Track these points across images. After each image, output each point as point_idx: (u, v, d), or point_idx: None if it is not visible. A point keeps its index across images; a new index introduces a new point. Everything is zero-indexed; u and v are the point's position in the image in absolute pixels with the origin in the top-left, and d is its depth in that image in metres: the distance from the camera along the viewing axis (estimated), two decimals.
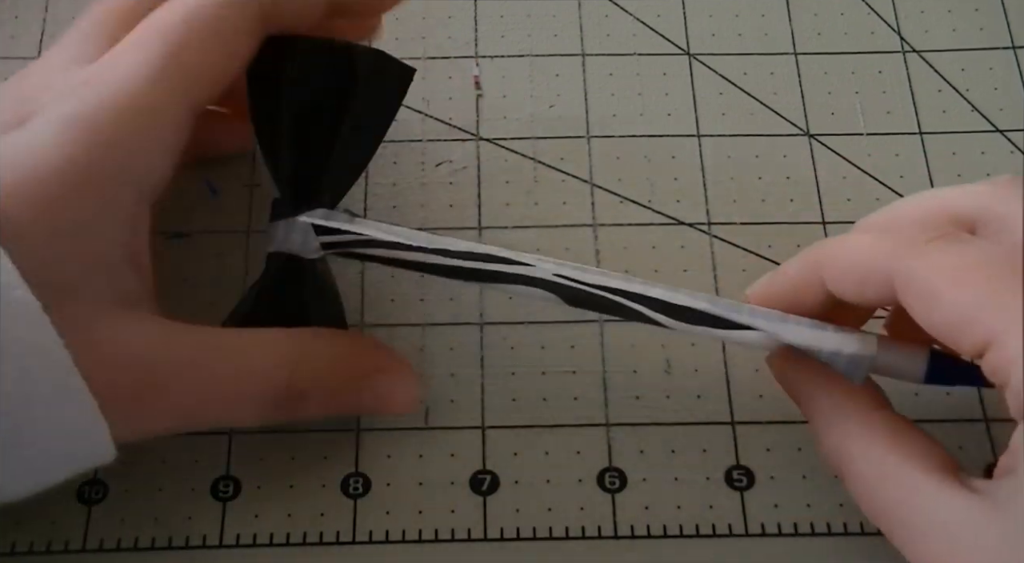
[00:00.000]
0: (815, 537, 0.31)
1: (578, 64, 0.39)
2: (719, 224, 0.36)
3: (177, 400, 0.27)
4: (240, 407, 0.29)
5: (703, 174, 0.37)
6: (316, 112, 0.29)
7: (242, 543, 0.31)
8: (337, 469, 0.32)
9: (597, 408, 0.33)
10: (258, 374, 0.28)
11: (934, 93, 0.39)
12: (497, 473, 0.33)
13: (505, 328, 0.35)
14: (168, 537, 0.31)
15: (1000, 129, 0.38)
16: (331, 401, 0.30)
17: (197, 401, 0.28)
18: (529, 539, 0.31)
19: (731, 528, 0.32)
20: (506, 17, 0.40)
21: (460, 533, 0.32)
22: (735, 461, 0.33)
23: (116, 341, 0.26)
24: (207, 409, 0.28)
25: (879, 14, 0.41)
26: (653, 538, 0.32)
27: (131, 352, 0.26)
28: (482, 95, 0.39)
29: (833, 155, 0.38)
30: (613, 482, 0.32)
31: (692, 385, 0.34)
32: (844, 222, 0.36)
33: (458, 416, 0.33)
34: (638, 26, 0.40)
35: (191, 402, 0.28)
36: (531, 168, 0.37)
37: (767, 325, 0.29)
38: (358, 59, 0.29)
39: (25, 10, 0.40)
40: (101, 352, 0.26)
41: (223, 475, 0.32)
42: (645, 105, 0.39)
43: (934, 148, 0.38)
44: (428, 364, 0.34)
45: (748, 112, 0.39)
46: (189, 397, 0.28)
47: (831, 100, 0.39)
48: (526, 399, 0.34)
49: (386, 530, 0.31)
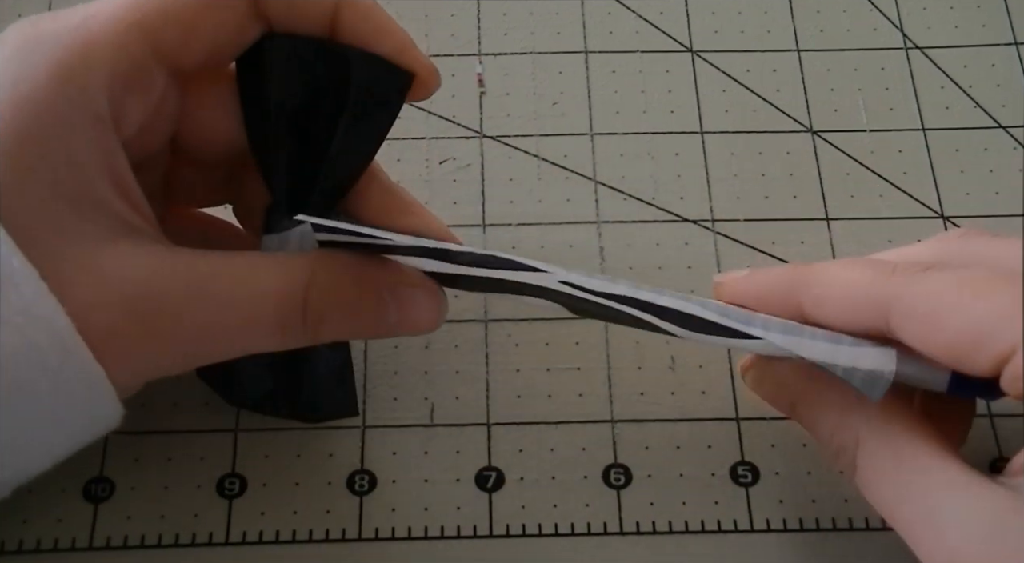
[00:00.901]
0: (820, 533, 0.32)
1: (581, 61, 0.39)
2: (722, 221, 0.37)
3: (187, 330, 0.26)
4: (254, 333, 0.27)
5: (706, 171, 0.37)
6: (310, 116, 0.28)
7: (248, 540, 0.31)
8: (343, 466, 0.32)
9: (602, 405, 0.34)
10: (272, 295, 0.27)
11: (936, 89, 0.39)
12: (502, 470, 0.33)
13: (510, 325, 0.35)
14: (175, 535, 0.31)
15: (1003, 125, 0.38)
16: (351, 321, 0.28)
17: (208, 330, 0.26)
18: (535, 535, 0.32)
19: (736, 524, 0.32)
20: (509, 15, 0.40)
21: (466, 530, 0.32)
22: (740, 457, 0.33)
23: (116, 276, 0.25)
24: (219, 338, 0.27)
25: (882, 11, 0.41)
26: (658, 534, 0.32)
27: (134, 282, 0.25)
28: (485, 93, 0.39)
29: (836, 151, 0.38)
30: (618, 478, 0.32)
31: (696, 382, 0.34)
32: (847, 218, 0.37)
33: (463, 413, 0.33)
34: (641, 23, 0.40)
35: (202, 332, 0.26)
36: (535, 165, 0.37)
37: (782, 340, 0.28)
38: (354, 63, 0.28)
39: (27, 9, 0.40)
40: (101, 289, 0.25)
41: (229, 472, 0.32)
42: (648, 102, 0.39)
43: (937, 144, 0.38)
44: (433, 361, 0.34)
45: (751, 109, 0.39)
46: (199, 326, 0.26)
47: (834, 97, 0.39)
48: (531, 396, 0.34)
49: (392, 527, 0.32)
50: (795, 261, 0.30)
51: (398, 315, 0.28)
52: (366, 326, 0.29)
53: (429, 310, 0.29)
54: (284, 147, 0.28)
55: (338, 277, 0.28)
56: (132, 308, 0.25)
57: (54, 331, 0.24)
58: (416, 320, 0.29)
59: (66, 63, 0.25)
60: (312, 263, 0.27)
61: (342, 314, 0.28)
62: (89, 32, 0.26)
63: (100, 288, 0.25)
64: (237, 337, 0.27)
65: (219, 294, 0.26)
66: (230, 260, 0.27)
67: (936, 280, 0.26)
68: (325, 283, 0.27)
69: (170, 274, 0.26)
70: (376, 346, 0.34)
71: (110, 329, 0.25)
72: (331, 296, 0.27)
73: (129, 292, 0.25)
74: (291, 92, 0.28)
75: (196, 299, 0.26)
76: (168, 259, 0.26)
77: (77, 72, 0.26)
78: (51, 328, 0.24)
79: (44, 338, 0.24)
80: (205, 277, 0.26)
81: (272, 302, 0.27)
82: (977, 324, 0.25)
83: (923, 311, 0.25)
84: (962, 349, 0.25)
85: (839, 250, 0.36)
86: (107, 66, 0.26)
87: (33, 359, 0.24)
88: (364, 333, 0.29)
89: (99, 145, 0.26)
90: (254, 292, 0.27)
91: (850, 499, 0.32)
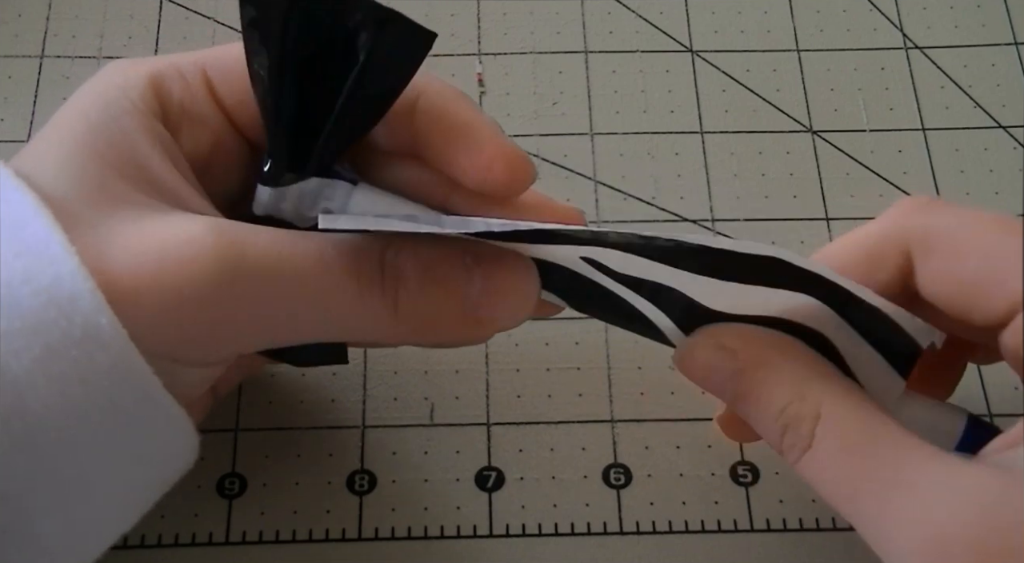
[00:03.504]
0: (819, 532, 0.32)
1: (581, 61, 0.39)
2: (723, 221, 0.37)
3: (263, 305, 0.25)
4: (333, 295, 0.25)
5: (706, 171, 0.37)
6: (319, 67, 0.27)
7: (248, 540, 0.31)
8: (343, 466, 0.32)
9: (602, 405, 0.34)
10: (348, 251, 0.25)
11: (936, 89, 0.39)
12: (502, 469, 0.33)
13: None
14: (175, 534, 0.31)
15: (1003, 125, 0.38)
16: (432, 287, 0.26)
17: (285, 301, 0.25)
18: (534, 535, 0.32)
19: (736, 524, 0.32)
20: (509, 15, 0.40)
21: (465, 530, 0.32)
22: (740, 457, 0.33)
23: (166, 268, 0.24)
24: (299, 305, 0.25)
25: (881, 11, 0.41)
26: (658, 534, 0.32)
27: (197, 280, 0.24)
28: (485, 92, 0.39)
29: (836, 151, 0.38)
30: (618, 478, 0.32)
31: None
32: (847, 218, 0.37)
33: (463, 413, 0.33)
34: (641, 23, 0.40)
35: (277, 306, 0.25)
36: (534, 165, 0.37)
37: (847, 282, 0.25)
38: (371, 16, 0.26)
39: (28, 8, 0.40)
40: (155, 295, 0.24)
41: (229, 472, 0.32)
42: (648, 102, 0.39)
43: (937, 144, 0.38)
44: (433, 361, 0.34)
45: (751, 109, 0.39)
46: (274, 300, 0.25)
47: (834, 97, 0.39)
48: (531, 395, 0.34)
49: (392, 527, 0.32)
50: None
51: (482, 283, 0.26)
52: (447, 296, 0.26)
53: (520, 281, 0.26)
54: (290, 98, 0.27)
55: (415, 241, 0.26)
56: (188, 306, 0.24)
57: (137, 380, 0.24)
58: (504, 289, 0.26)
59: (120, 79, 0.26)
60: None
61: (422, 274, 0.25)
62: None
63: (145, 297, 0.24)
64: (315, 303, 0.25)
65: (287, 262, 0.25)
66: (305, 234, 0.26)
67: (961, 214, 0.25)
68: (402, 243, 0.26)
69: (233, 255, 0.24)
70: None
71: (168, 322, 0.24)
72: (410, 253, 0.25)
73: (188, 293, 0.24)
74: (302, 41, 0.26)
75: (261, 277, 0.25)
76: (227, 235, 0.25)
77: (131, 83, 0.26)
78: (133, 377, 0.24)
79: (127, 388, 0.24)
80: (268, 248, 0.25)
81: (349, 258, 0.25)
82: (1002, 258, 0.24)
83: (945, 243, 0.25)
84: (981, 285, 0.24)
85: None
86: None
87: (117, 408, 0.24)
88: (447, 308, 0.26)
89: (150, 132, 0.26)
90: (324, 249, 0.25)
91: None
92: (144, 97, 0.26)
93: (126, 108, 0.26)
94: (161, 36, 0.40)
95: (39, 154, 0.25)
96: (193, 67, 0.27)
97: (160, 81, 0.27)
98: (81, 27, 0.40)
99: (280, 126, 0.27)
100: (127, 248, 0.24)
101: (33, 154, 0.26)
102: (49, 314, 0.23)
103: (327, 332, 0.27)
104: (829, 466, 0.24)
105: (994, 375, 0.34)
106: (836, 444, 0.24)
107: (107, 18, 0.40)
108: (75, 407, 0.23)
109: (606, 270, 0.26)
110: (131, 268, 0.24)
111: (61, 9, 0.40)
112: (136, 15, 0.40)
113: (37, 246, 0.23)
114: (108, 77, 0.27)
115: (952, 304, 0.25)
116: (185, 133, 0.27)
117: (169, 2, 0.40)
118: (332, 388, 0.34)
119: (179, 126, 0.27)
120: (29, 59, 0.39)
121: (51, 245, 0.23)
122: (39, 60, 0.39)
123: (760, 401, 0.26)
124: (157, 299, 0.24)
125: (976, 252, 0.24)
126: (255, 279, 0.24)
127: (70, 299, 0.23)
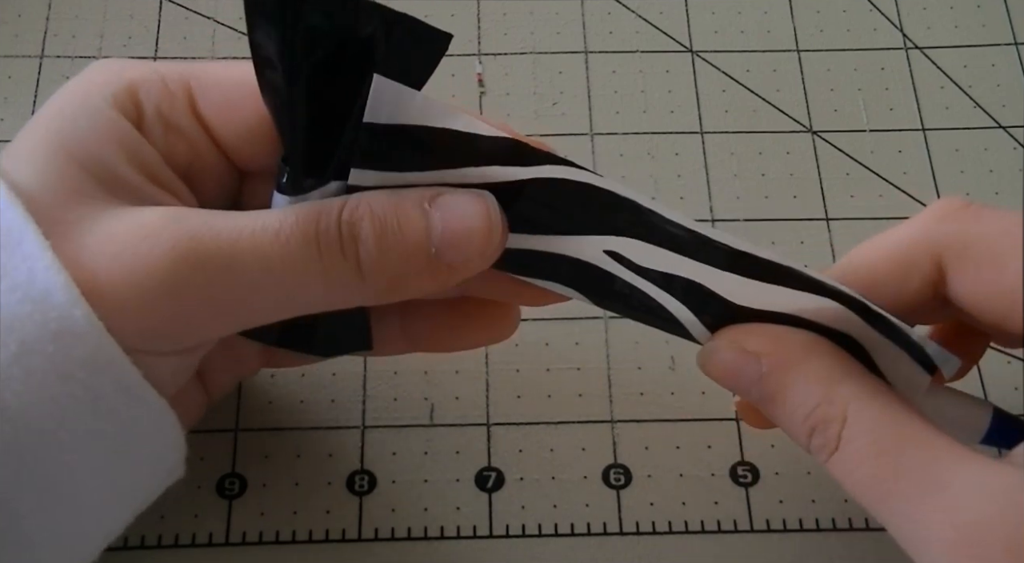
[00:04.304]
0: (820, 533, 0.32)
1: (581, 61, 0.39)
2: (723, 221, 0.37)
3: (226, 289, 0.25)
4: (295, 266, 0.25)
5: (706, 171, 0.37)
6: (333, 72, 0.26)
7: (248, 541, 0.31)
8: (343, 466, 0.32)
9: (602, 405, 0.34)
10: (307, 218, 0.25)
11: (936, 89, 0.39)
12: (502, 470, 0.33)
13: None
14: (175, 535, 0.31)
15: (1003, 125, 0.38)
16: (389, 238, 0.25)
17: (247, 281, 0.25)
18: (534, 536, 0.32)
19: (736, 524, 0.32)
20: (509, 15, 0.40)
21: (465, 530, 0.32)
22: (740, 457, 0.33)
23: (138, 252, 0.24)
24: (264, 282, 0.25)
25: (881, 11, 0.41)
26: (658, 534, 0.32)
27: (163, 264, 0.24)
28: (485, 92, 0.39)
29: (836, 152, 0.38)
30: (618, 478, 0.32)
31: (696, 382, 0.34)
32: (847, 219, 0.37)
33: (463, 413, 0.33)
34: (641, 23, 0.40)
35: (241, 287, 0.25)
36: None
37: (858, 294, 0.26)
38: (384, 20, 0.26)
39: (28, 8, 0.40)
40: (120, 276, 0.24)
41: (229, 472, 0.32)
42: (648, 102, 0.39)
43: (937, 144, 0.38)
44: (433, 361, 0.34)
45: (751, 109, 0.39)
46: (236, 282, 0.25)
47: (834, 97, 0.39)
48: (531, 396, 0.34)
49: (392, 527, 0.32)
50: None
51: (441, 224, 0.25)
52: (408, 243, 0.25)
53: (475, 215, 0.25)
54: (304, 106, 0.26)
55: (371, 196, 0.25)
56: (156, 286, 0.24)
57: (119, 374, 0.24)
58: (460, 228, 0.25)
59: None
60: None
61: (380, 227, 0.25)
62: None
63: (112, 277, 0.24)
64: (278, 274, 0.25)
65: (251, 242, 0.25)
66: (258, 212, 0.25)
67: (998, 221, 0.24)
68: (358, 200, 0.25)
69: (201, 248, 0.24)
70: None
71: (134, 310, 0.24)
72: (366, 209, 0.25)
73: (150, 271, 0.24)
74: (314, 49, 0.26)
75: (224, 267, 0.24)
76: (197, 226, 0.25)
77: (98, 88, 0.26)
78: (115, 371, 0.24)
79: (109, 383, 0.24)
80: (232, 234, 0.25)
81: (308, 224, 0.25)
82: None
83: (984, 252, 0.24)
84: (1015, 296, 0.23)
85: (839, 250, 0.36)
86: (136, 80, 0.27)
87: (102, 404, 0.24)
88: (410, 258, 0.25)
89: (114, 133, 0.26)
90: (286, 223, 0.25)
91: (850, 500, 0.32)
92: (117, 97, 0.26)
93: (97, 106, 0.26)
94: (161, 36, 0.40)
95: (17, 151, 0.26)
96: (178, 78, 0.27)
97: (140, 84, 0.27)
98: (81, 27, 0.40)
99: (297, 134, 0.26)
100: (92, 245, 0.24)
101: (12, 151, 0.26)
102: (24, 309, 0.23)
103: (300, 305, 0.26)
104: (858, 468, 0.24)
105: (994, 375, 0.34)
106: (864, 446, 0.24)
107: (107, 18, 0.40)
108: (55, 402, 0.23)
109: (629, 264, 0.27)
110: (98, 264, 0.24)
111: (61, 9, 0.40)
112: (136, 15, 0.40)
113: (10, 242, 0.23)
114: (90, 75, 0.27)
115: (991, 313, 0.25)
116: (159, 138, 0.27)
117: (169, 2, 0.40)
118: (332, 388, 0.34)
119: (153, 130, 0.27)
120: (29, 59, 0.39)
121: (24, 241, 0.23)
122: (39, 60, 0.39)
123: (787, 404, 0.26)
124: (122, 294, 0.24)
125: (1017, 262, 0.24)
126: (213, 265, 0.24)
127: (44, 293, 0.23)
